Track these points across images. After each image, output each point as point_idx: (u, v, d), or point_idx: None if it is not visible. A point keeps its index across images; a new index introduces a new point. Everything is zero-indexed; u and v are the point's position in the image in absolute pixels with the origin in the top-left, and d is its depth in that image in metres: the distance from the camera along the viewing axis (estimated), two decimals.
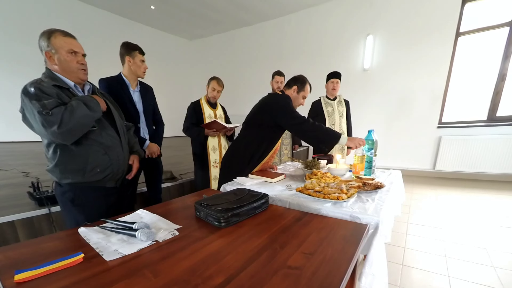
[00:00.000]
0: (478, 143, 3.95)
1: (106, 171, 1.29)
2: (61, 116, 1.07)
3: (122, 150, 1.38)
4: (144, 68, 1.91)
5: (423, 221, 2.63)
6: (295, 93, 1.82)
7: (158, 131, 2.13)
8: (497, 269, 1.79)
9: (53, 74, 1.19)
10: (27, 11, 4.92)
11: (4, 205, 1.83)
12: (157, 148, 2.00)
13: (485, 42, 3.95)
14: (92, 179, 1.26)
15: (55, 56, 1.18)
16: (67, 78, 1.22)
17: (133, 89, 1.91)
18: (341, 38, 5.07)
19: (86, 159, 1.22)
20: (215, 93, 2.45)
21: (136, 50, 1.85)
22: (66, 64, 1.20)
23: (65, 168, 1.20)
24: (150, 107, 2.04)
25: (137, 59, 1.85)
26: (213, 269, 0.67)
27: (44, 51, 1.17)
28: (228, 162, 1.87)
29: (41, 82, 1.13)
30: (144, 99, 1.98)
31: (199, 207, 1.01)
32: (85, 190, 1.27)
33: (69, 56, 1.20)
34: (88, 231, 0.87)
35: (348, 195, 1.24)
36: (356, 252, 0.77)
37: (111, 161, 1.30)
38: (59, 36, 1.18)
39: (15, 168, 3.06)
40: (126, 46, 1.85)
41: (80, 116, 1.13)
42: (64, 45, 1.18)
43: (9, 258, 0.70)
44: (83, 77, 1.27)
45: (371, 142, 1.72)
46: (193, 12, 5.79)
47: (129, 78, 1.89)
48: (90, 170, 1.24)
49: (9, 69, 4.87)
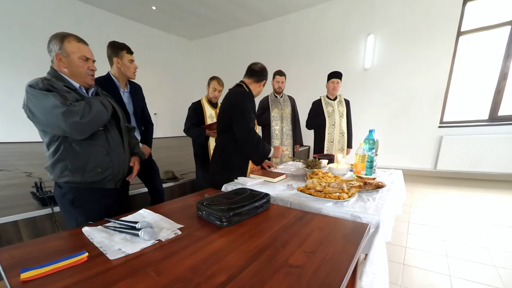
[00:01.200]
0: (480, 143, 3.94)
1: (106, 172, 1.30)
2: (83, 109, 1.11)
3: (123, 152, 1.39)
4: (134, 68, 1.82)
5: (424, 220, 2.63)
6: (262, 87, 1.89)
7: (148, 132, 2.06)
8: (498, 268, 1.79)
9: (59, 75, 1.20)
10: (30, 11, 4.93)
11: (7, 205, 1.84)
12: (148, 150, 1.95)
13: (487, 41, 3.94)
14: (91, 179, 1.26)
15: (65, 60, 1.19)
16: (74, 81, 1.24)
17: (123, 90, 1.84)
18: (341, 37, 5.07)
19: (88, 158, 1.23)
20: (216, 93, 2.46)
21: (124, 50, 1.75)
22: (76, 69, 1.22)
23: (65, 166, 1.20)
24: (140, 108, 1.96)
25: (125, 59, 1.75)
26: (215, 268, 0.68)
27: (54, 53, 1.17)
28: (215, 171, 1.89)
29: (49, 80, 1.14)
30: (134, 100, 1.91)
31: (201, 206, 1.02)
32: (84, 191, 1.27)
33: (81, 62, 1.22)
34: (91, 230, 0.88)
35: (349, 195, 1.25)
36: (357, 251, 0.77)
37: (112, 162, 1.31)
38: (72, 41, 1.20)
39: (18, 168, 3.07)
40: (112, 46, 1.75)
41: (97, 111, 1.17)
42: (77, 51, 1.21)
43: (14, 257, 0.71)
44: (90, 82, 1.29)
45: (372, 141, 1.72)
46: (194, 12, 5.80)
47: (118, 78, 1.80)
48: (91, 170, 1.24)
49: (12, 68, 4.89)
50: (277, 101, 3.04)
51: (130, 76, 1.83)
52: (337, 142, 3.05)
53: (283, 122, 3.05)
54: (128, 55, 1.77)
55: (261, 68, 1.85)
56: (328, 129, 3.01)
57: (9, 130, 5.03)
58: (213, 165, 1.94)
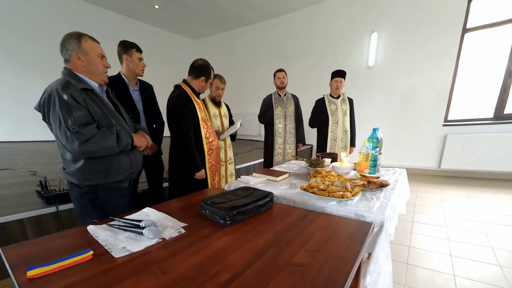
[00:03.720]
0: (485, 141, 3.89)
1: (127, 171, 1.33)
2: (89, 137, 1.13)
3: (138, 150, 1.43)
4: (142, 66, 1.88)
5: (428, 219, 2.62)
6: (203, 82, 1.90)
7: (159, 130, 2.12)
8: (503, 268, 1.78)
9: (76, 75, 1.21)
10: (33, 12, 4.97)
11: (13, 203, 1.87)
12: (155, 148, 2.00)
13: (493, 39, 3.88)
14: (114, 179, 1.29)
15: (84, 58, 1.21)
16: (91, 79, 1.26)
17: (133, 88, 1.90)
18: (345, 35, 5.03)
19: (112, 161, 1.26)
20: (219, 91, 2.45)
21: (133, 48, 1.83)
22: (95, 67, 1.25)
23: (90, 170, 1.22)
24: (150, 106, 2.03)
25: (135, 57, 1.83)
26: (220, 266, 0.68)
27: (73, 52, 1.19)
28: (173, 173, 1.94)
29: (69, 85, 1.14)
30: (144, 98, 1.97)
31: (204, 205, 1.02)
32: (106, 190, 1.30)
33: (98, 60, 1.25)
34: (96, 228, 0.89)
35: (352, 194, 1.24)
36: (361, 250, 0.77)
37: (131, 161, 1.34)
38: (89, 40, 1.23)
39: (23, 168, 3.10)
40: (123, 45, 1.83)
41: (104, 147, 1.19)
42: (95, 49, 1.24)
43: (21, 255, 0.72)
44: (106, 80, 1.33)
45: (376, 140, 1.71)
46: (197, 10, 5.79)
47: (128, 77, 1.87)
48: (114, 171, 1.27)
49: (16, 70, 4.93)
50: (281, 99, 3.03)
51: (139, 73, 1.89)
52: (340, 141, 3.04)
53: (286, 121, 3.04)
54: (138, 53, 1.86)
55: (200, 64, 1.87)
56: (331, 127, 3.00)
57: (14, 130, 5.08)
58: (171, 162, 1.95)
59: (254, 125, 5.80)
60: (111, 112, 1.30)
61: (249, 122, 5.02)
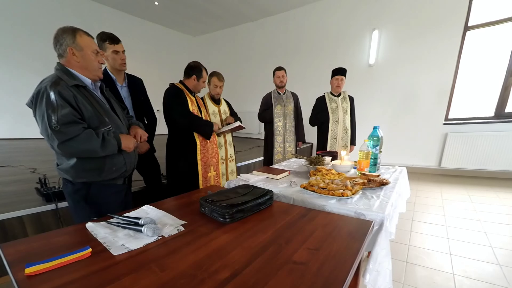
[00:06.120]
0: (485, 140, 3.88)
1: (121, 170, 1.32)
2: (70, 136, 1.09)
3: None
4: (120, 59, 1.70)
5: (428, 218, 2.62)
6: (195, 81, 2.06)
7: (151, 127, 2.01)
8: (502, 267, 1.78)
9: (68, 71, 1.18)
10: (35, 8, 4.94)
11: (12, 200, 1.86)
12: (147, 146, 1.88)
13: (494, 37, 3.86)
14: (108, 177, 1.28)
15: (79, 53, 1.18)
16: (84, 75, 1.23)
17: (120, 84, 1.78)
18: (345, 33, 5.00)
19: (104, 159, 1.24)
20: (218, 89, 2.44)
21: (105, 41, 1.66)
22: (90, 63, 1.22)
23: (83, 167, 1.20)
24: (140, 102, 1.92)
25: (109, 50, 1.66)
26: (219, 264, 0.68)
27: (67, 47, 1.15)
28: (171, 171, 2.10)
29: (60, 81, 1.11)
30: (133, 94, 1.86)
31: (204, 203, 1.02)
32: (99, 187, 1.29)
33: (93, 56, 1.22)
34: (95, 226, 0.88)
35: (352, 192, 1.24)
36: (361, 248, 0.77)
37: (125, 159, 1.33)
38: (84, 35, 1.20)
39: (22, 165, 3.10)
40: (97, 39, 1.65)
41: (86, 149, 1.15)
42: (90, 45, 1.21)
43: (19, 252, 0.72)
44: (101, 76, 1.30)
45: (376, 138, 1.71)
46: (197, 7, 5.76)
47: (114, 72, 1.73)
48: (108, 169, 1.26)
49: (18, 66, 4.91)
50: (280, 97, 3.02)
51: (118, 67, 1.74)
52: (340, 139, 3.04)
53: (286, 119, 3.04)
54: (111, 45, 1.67)
55: (191, 65, 2.06)
56: (332, 126, 2.99)
57: (14, 127, 5.07)
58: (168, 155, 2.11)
59: (254, 123, 5.80)
60: (104, 109, 1.26)
61: (249, 120, 5.01)
